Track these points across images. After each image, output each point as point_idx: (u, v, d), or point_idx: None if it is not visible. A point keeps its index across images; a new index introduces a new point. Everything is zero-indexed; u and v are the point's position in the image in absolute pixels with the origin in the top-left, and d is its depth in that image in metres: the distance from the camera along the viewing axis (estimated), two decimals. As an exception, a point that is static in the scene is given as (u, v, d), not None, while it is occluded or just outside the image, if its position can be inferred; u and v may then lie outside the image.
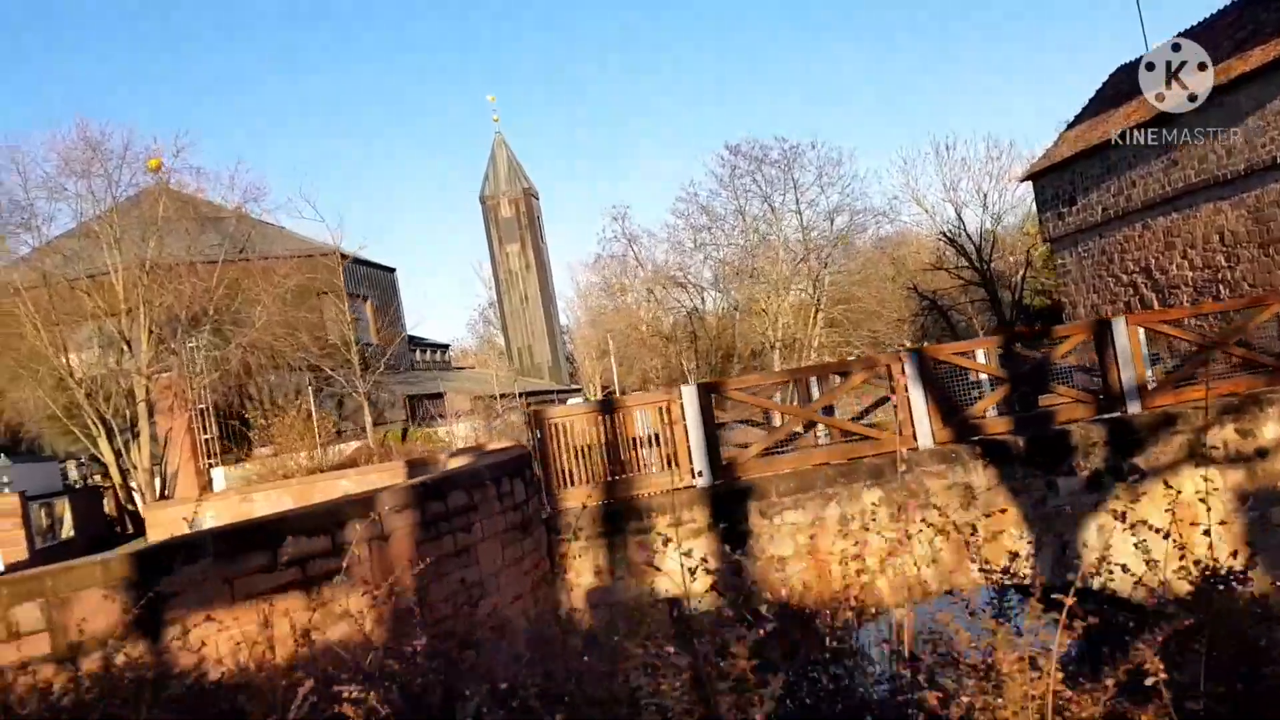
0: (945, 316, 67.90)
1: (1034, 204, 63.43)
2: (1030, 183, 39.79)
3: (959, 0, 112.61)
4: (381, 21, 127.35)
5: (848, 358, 53.14)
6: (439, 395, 59.77)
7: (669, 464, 10.47)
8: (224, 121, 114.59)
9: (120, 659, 5.52)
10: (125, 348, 33.03)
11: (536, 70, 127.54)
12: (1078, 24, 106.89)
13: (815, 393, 12.77)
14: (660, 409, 10.48)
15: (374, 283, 57.49)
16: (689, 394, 10.38)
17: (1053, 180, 37.70)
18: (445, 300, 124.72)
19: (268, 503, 16.81)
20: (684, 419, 10.29)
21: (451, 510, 7.80)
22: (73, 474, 37.42)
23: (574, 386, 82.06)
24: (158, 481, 34.45)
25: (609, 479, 10.42)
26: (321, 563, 6.51)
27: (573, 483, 10.31)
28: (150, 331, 32.94)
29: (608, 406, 10.84)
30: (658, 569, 10.20)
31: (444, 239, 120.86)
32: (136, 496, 34.67)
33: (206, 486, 37.63)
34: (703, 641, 4.08)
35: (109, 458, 34.15)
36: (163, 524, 17.55)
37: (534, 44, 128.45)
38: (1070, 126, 38.13)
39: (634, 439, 10.89)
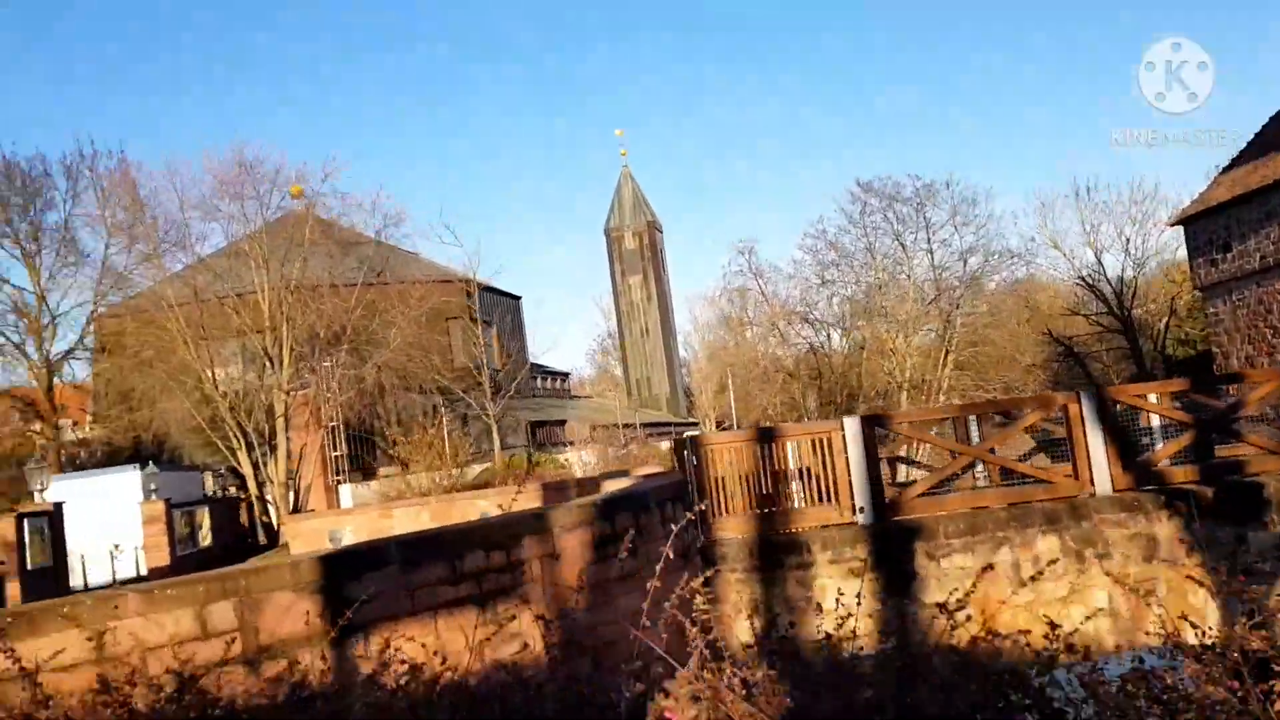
0: (1082, 364, 65.46)
1: (1182, 250, 61.01)
2: (1181, 228, 38.10)
3: (1099, 43, 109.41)
4: (517, 54, 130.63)
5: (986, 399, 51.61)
6: (561, 422, 60.28)
7: (826, 498, 10.12)
8: (369, 147, 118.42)
9: (306, 663, 5.49)
10: (268, 364, 34.15)
11: (665, 105, 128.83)
12: (1226, 68, 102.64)
13: (973, 431, 12.24)
14: (818, 440, 10.15)
15: (500, 309, 58.38)
16: (852, 426, 10.03)
17: (1206, 225, 36.02)
18: (564, 329, 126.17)
19: (407, 519, 16.99)
20: (845, 451, 9.94)
21: (618, 532, 7.62)
22: (209, 484, 38.77)
23: (691, 420, 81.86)
24: (291, 495, 35.44)
25: (763, 511, 10.11)
26: (496, 578, 6.39)
27: (726, 512, 10.05)
28: (291, 349, 34.03)
29: (766, 435, 10.54)
30: (819, 607, 9.86)
31: (565, 269, 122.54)
32: (270, 509, 35.72)
33: (335, 502, 38.65)
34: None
35: (247, 470, 35.27)
36: (303, 536, 17.90)
37: (664, 78, 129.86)
38: (1226, 170, 36.43)
39: (784, 471, 10.59)
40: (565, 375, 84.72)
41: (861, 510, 9.92)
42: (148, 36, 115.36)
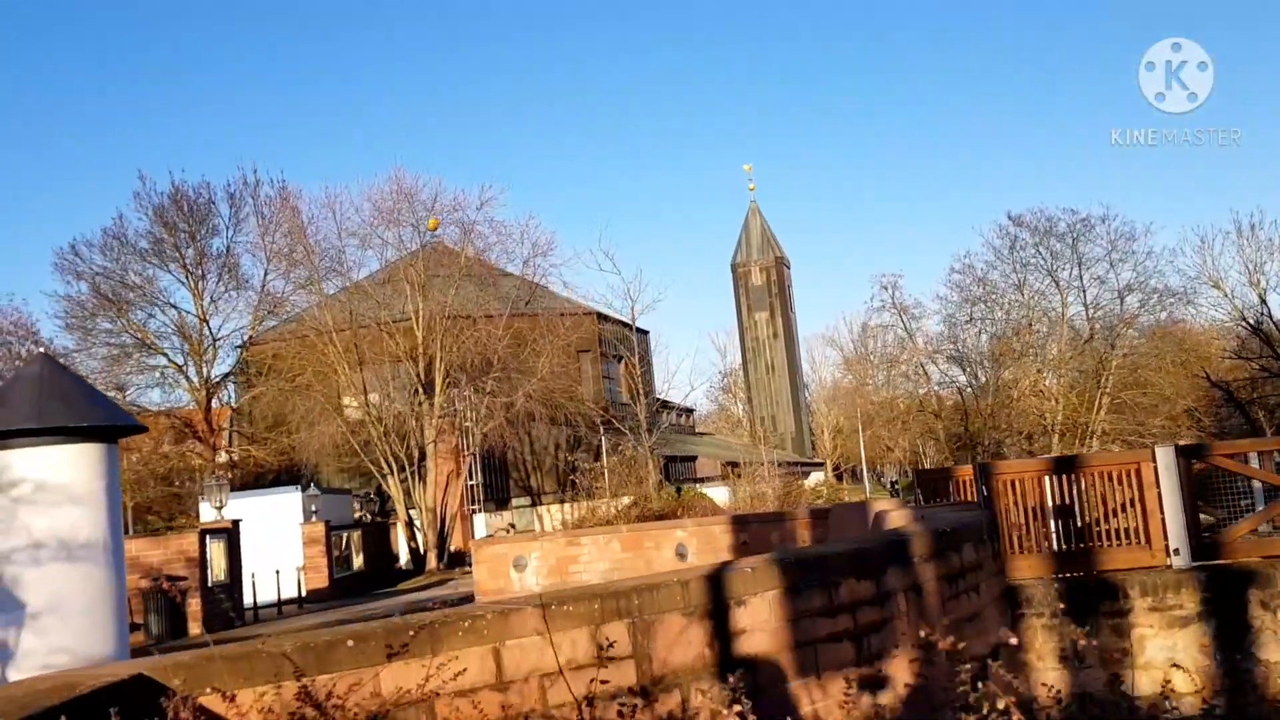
0: (1244, 411, 61.83)
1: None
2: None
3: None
4: (646, 85, 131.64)
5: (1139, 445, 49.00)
6: (692, 458, 59.43)
7: (1133, 537, 9.01)
8: (516, 176, 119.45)
9: (697, 700, 4.74)
10: (421, 390, 34.21)
11: (793, 140, 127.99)
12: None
13: None
14: (1124, 472, 9.07)
15: (624, 344, 57.94)
16: (1165, 456, 8.93)
17: None
18: (681, 365, 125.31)
19: (595, 548, 16.34)
20: (1156, 485, 8.85)
21: (965, 566, 6.72)
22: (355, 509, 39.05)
23: (816, 460, 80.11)
24: (438, 522, 35.33)
25: (1063, 549, 9.07)
26: (869, 611, 5.55)
27: (1021, 549, 9.03)
28: (445, 375, 34.06)
29: (1064, 465, 9.51)
30: (1136, 659, 8.74)
31: (682, 303, 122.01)
32: (418, 534, 35.66)
33: (470, 531, 38.46)
34: None
35: (396, 494, 35.32)
36: (488, 561, 17.38)
37: (795, 114, 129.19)
38: None
39: (1045, 507, 9.55)
40: (690, 411, 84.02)
41: (1176, 552, 8.79)
42: (309, 62, 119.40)
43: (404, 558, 37.03)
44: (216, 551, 19.93)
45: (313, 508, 28.58)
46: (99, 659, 10.29)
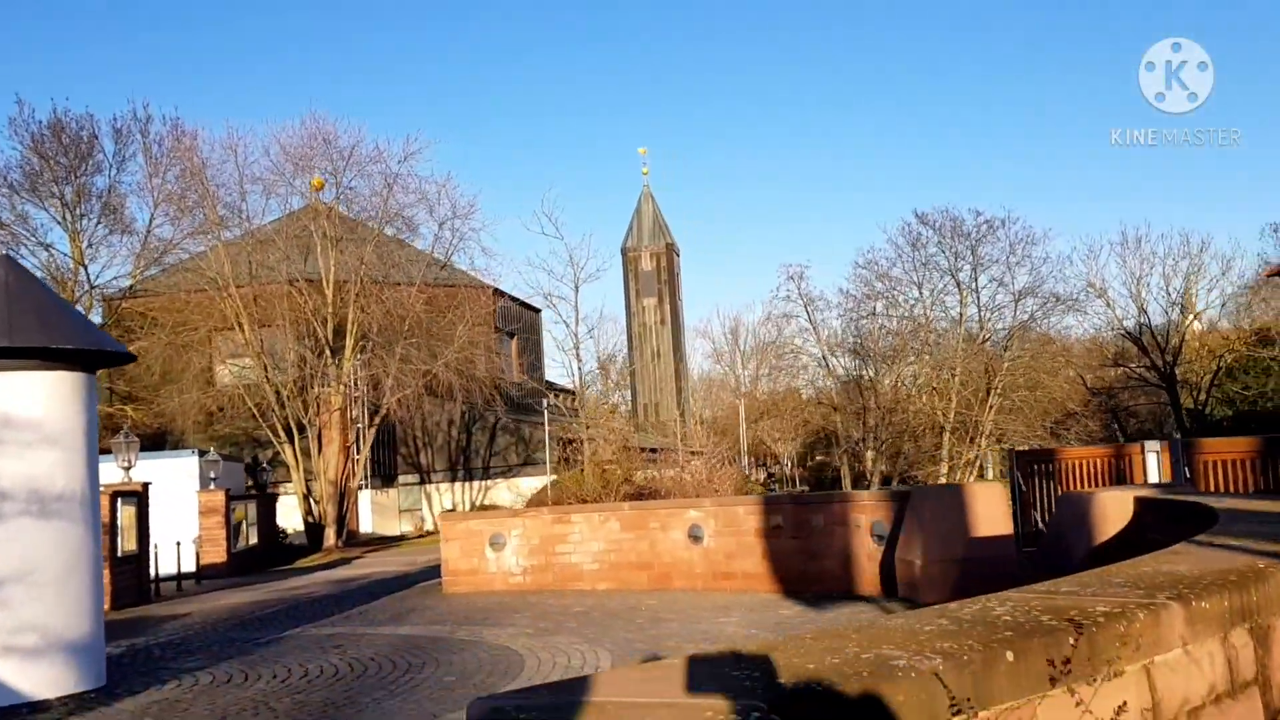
0: (1118, 418, 64.29)
1: (1225, 308, 59.93)
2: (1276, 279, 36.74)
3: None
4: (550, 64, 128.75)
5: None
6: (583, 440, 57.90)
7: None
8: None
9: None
10: (328, 353, 31.74)
11: (690, 128, 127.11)
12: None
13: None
14: None
15: (522, 321, 56.10)
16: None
17: (1313, 277, 34.50)
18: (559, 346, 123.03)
19: (590, 528, 14.79)
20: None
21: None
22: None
23: (697, 450, 79.73)
24: (337, 495, 32.94)
25: None
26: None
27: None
28: (357, 340, 31.70)
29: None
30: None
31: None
32: (315, 508, 33.19)
33: (353, 505, 36.11)
34: None
35: (293, 464, 32.78)
36: (458, 538, 15.59)
37: (692, 97, 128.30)
38: (1336, 221, 35.09)
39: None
40: (572, 393, 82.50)
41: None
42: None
43: (295, 533, 34.48)
44: (126, 517, 17.47)
45: (211, 474, 25.95)
46: (75, 639, 8.25)
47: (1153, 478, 9.99)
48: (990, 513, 10.04)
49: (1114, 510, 6.46)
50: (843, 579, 11.93)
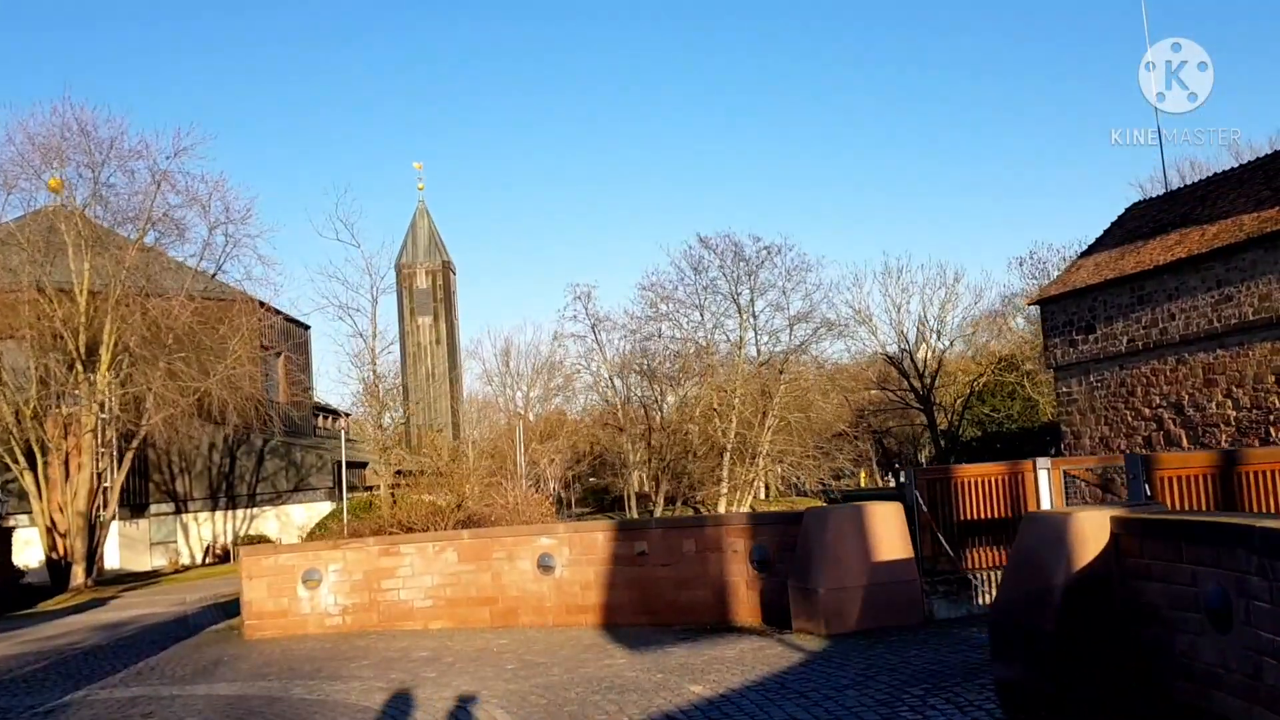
0: (880, 442, 67.69)
1: (982, 335, 64.46)
2: (1039, 308, 39.50)
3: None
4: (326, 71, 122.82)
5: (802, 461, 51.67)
6: (363, 464, 55.17)
7: None
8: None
9: None
10: (79, 367, 28.24)
11: (466, 142, 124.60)
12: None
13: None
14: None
15: (288, 337, 52.93)
16: None
17: (1067, 306, 37.36)
18: (322, 364, 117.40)
19: (421, 559, 13.34)
20: None
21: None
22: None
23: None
24: (86, 528, 29.34)
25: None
26: None
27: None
28: (115, 354, 28.38)
29: (1230, 462, 8.33)
30: None
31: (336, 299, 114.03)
32: (59, 543, 29.41)
33: (101, 541, 32.44)
34: None
35: (33, 493, 28.97)
36: (265, 574, 13.72)
37: (468, 116, 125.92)
38: (1086, 254, 38.14)
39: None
40: (341, 415, 79.02)
41: None
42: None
43: (32, 571, 30.43)
44: None
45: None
46: None
47: (1044, 500, 9.85)
48: (890, 535, 9.55)
49: (1092, 534, 5.97)
50: (717, 609, 11.15)
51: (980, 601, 9.86)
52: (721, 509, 50.22)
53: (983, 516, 10.07)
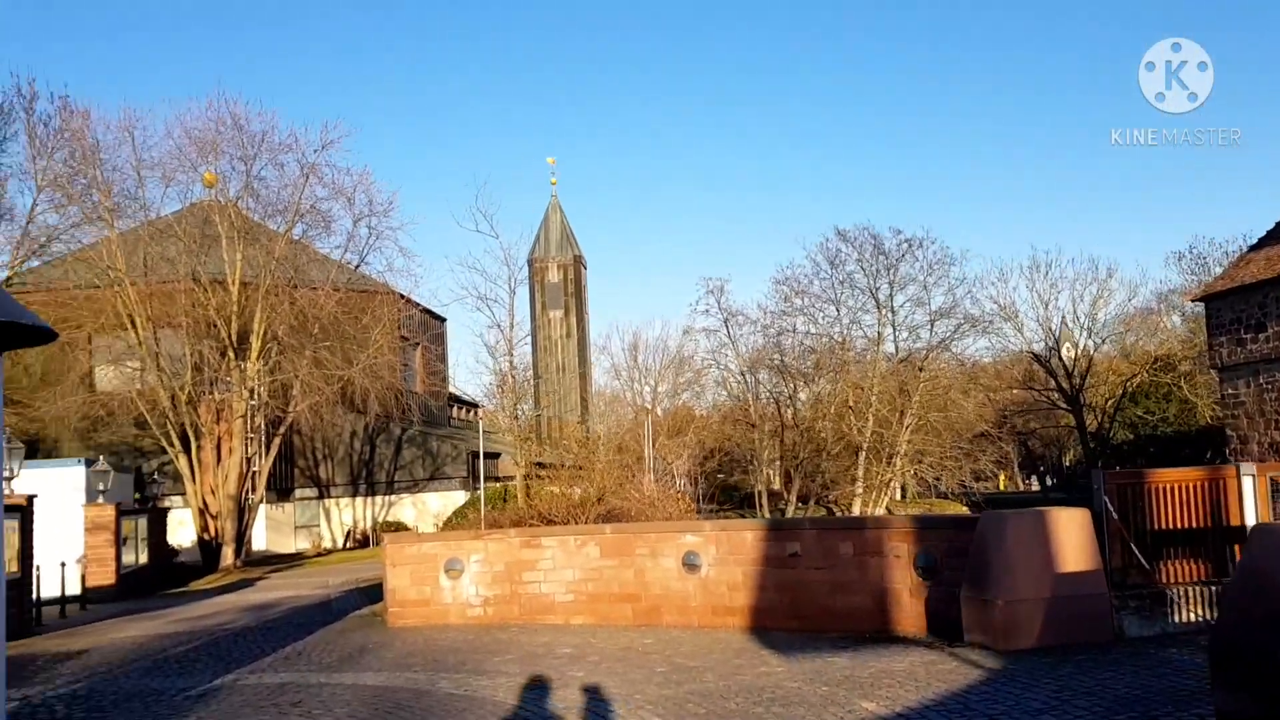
0: (1025, 444, 65.14)
1: (1131, 336, 61.19)
2: (1203, 304, 37.12)
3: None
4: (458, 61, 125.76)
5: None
6: (496, 455, 55.92)
7: None
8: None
9: None
10: (232, 354, 29.15)
11: (599, 138, 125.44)
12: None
13: None
14: None
15: (428, 331, 53.92)
16: None
17: (1234, 303, 34.98)
18: (458, 357, 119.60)
19: (563, 553, 13.04)
20: None
21: None
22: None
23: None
24: (236, 511, 30.28)
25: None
26: None
27: None
28: (264, 341, 29.21)
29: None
30: None
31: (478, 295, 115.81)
32: (211, 525, 30.45)
33: (251, 521, 33.37)
34: None
35: (187, 476, 30.04)
36: (408, 563, 13.66)
37: (600, 111, 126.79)
38: (1256, 248, 35.62)
39: None
40: (477, 406, 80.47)
41: None
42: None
43: (186, 551, 31.66)
44: (9, 535, 15.00)
45: (100, 486, 23.23)
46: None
47: (1249, 508, 8.87)
48: (1075, 544, 8.73)
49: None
50: (876, 616, 10.47)
51: (1176, 619, 8.93)
52: (856, 509, 48.90)
53: (1179, 525, 9.13)
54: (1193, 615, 8.95)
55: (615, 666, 9.53)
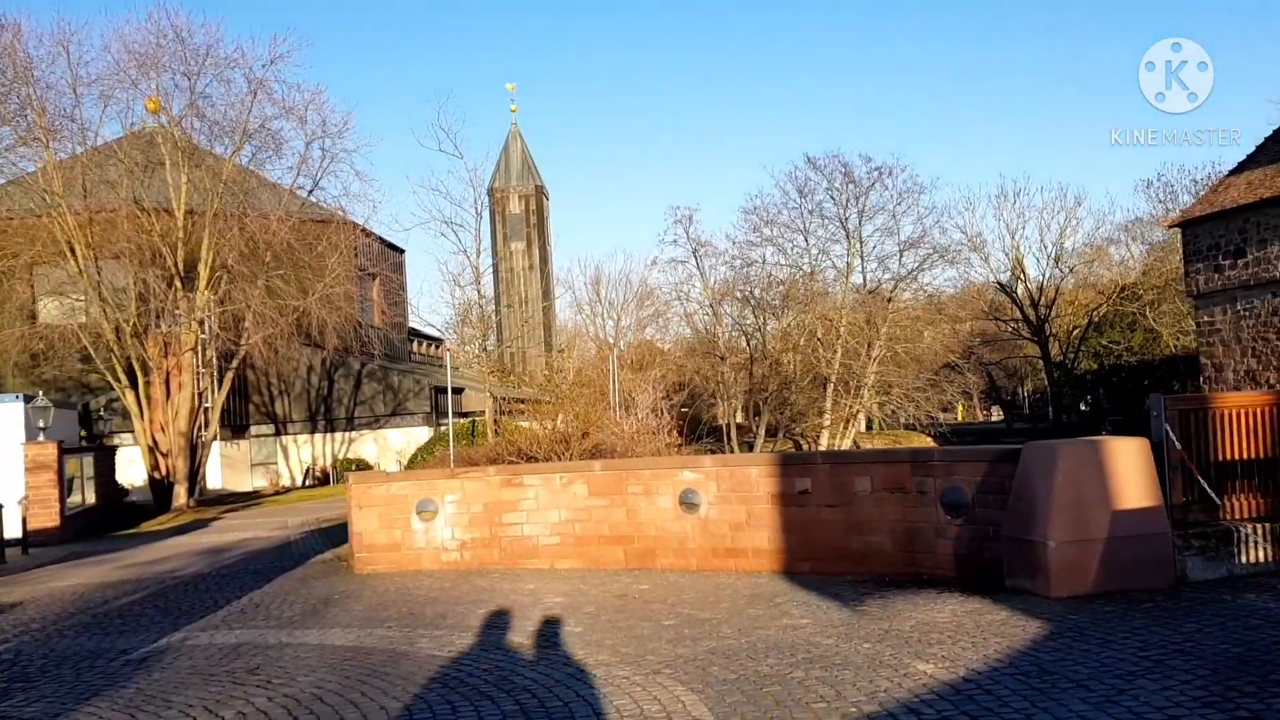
0: (989, 375, 64.89)
1: (1097, 265, 60.79)
2: (1180, 230, 36.43)
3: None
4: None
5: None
6: (459, 390, 54.71)
7: None
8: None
9: None
10: (178, 284, 27.57)
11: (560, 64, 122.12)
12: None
13: None
14: None
15: (383, 261, 52.12)
16: None
17: (1213, 229, 34.27)
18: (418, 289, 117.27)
19: (546, 492, 11.99)
20: None
21: None
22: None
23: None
24: (188, 449, 28.94)
25: None
26: None
27: None
28: (213, 271, 27.63)
29: None
30: None
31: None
32: (162, 463, 29.09)
33: (204, 459, 32.04)
34: None
35: (135, 412, 28.58)
36: (377, 504, 12.55)
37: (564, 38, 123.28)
38: (1237, 171, 34.80)
39: None
40: (439, 341, 79.04)
41: None
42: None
43: (137, 490, 30.31)
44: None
45: (40, 423, 21.79)
46: None
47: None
48: (1133, 478, 7.80)
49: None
50: (898, 558, 9.55)
51: (1244, 559, 8.08)
52: (824, 442, 48.42)
53: (1245, 456, 8.26)
54: (1261, 555, 8.12)
55: (616, 619, 8.53)
